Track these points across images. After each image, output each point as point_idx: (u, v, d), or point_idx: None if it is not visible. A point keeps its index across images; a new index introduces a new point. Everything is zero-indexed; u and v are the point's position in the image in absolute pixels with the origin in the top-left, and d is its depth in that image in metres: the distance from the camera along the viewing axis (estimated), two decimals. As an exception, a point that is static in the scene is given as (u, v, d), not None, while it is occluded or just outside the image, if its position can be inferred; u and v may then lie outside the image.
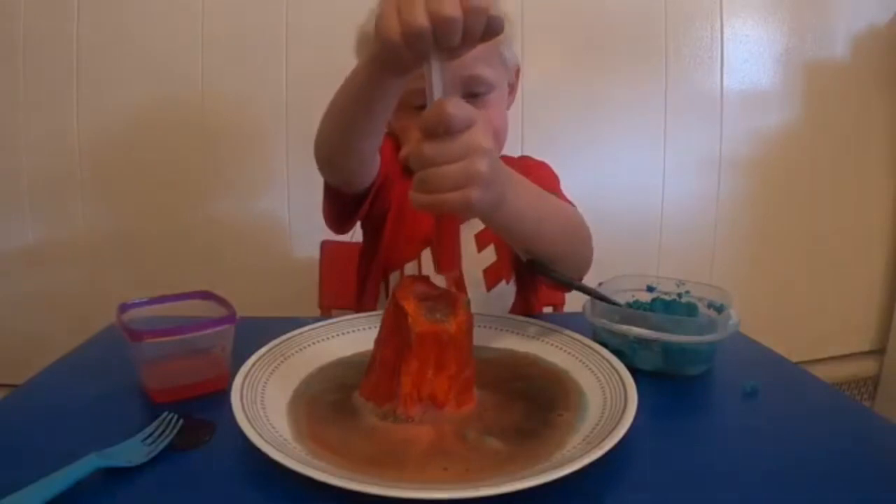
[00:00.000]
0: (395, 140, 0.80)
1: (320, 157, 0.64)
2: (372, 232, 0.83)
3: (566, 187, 0.82)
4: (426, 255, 0.77)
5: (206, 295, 0.58)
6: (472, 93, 0.73)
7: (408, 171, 0.67)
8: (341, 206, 0.72)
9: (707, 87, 1.38)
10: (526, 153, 0.92)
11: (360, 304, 0.85)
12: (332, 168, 0.67)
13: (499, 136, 0.77)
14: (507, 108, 0.82)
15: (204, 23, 1.22)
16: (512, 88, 0.83)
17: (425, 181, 0.42)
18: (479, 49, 0.67)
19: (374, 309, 0.78)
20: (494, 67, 0.74)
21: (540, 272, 0.60)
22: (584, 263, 0.66)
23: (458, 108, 0.41)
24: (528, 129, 1.30)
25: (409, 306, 0.46)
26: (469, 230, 0.78)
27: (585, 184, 1.32)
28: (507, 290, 0.79)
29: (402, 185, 0.79)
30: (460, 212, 0.44)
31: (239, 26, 1.23)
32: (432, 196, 0.42)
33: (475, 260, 0.78)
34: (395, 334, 0.48)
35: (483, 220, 0.54)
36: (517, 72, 0.82)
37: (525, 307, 0.81)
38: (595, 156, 1.37)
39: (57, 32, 1.19)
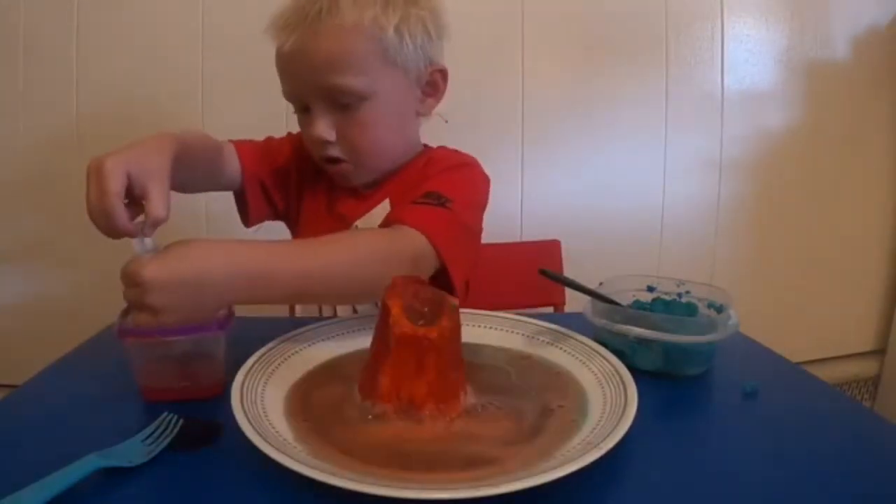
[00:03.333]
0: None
1: None
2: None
3: (567, 187, 0.81)
4: None
5: (206, 295, 0.58)
6: (339, 103, 0.68)
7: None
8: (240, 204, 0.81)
9: (707, 86, 1.38)
10: (526, 153, 0.91)
11: None
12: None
13: (375, 150, 0.72)
14: (425, 111, 0.75)
15: (204, 23, 1.22)
16: (433, 89, 0.74)
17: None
18: (326, 56, 0.66)
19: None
20: (366, 75, 0.67)
21: (549, 278, 0.61)
22: (370, 290, 0.57)
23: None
24: (528, 130, 1.30)
25: (395, 307, 0.46)
26: (383, 211, 0.74)
27: (586, 184, 1.34)
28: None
29: (314, 182, 0.81)
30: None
31: (239, 25, 1.23)
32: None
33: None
34: (382, 333, 0.48)
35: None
36: (435, 71, 0.73)
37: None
38: (595, 156, 1.36)
39: (57, 31, 1.19)
